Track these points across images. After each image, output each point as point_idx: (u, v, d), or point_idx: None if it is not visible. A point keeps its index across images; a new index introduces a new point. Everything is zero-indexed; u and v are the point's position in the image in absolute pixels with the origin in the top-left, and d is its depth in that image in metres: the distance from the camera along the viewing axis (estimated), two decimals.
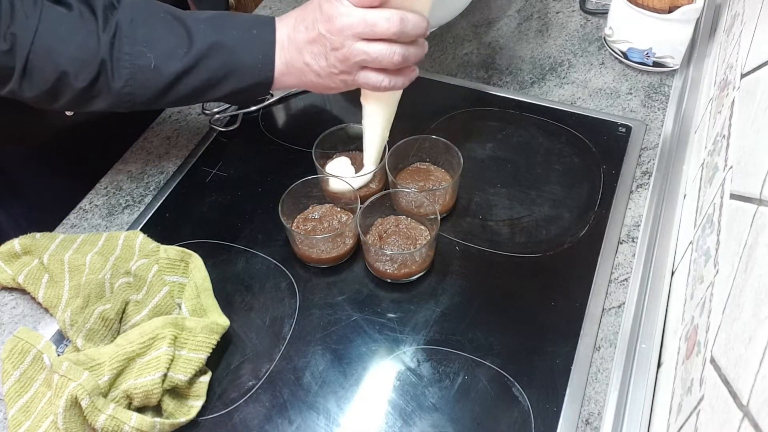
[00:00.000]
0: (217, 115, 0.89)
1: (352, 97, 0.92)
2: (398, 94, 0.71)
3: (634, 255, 0.73)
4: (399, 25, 0.61)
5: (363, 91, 0.71)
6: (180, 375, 0.60)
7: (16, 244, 0.72)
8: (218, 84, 0.66)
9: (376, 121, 0.72)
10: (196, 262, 0.70)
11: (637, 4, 0.87)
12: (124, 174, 0.84)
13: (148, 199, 0.81)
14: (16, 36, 0.60)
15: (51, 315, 0.69)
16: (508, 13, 1.06)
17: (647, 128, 0.87)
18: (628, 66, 0.95)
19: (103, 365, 0.60)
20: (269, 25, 0.66)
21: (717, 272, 0.53)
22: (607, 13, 0.96)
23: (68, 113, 0.85)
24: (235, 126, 0.88)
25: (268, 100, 0.91)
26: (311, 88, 0.67)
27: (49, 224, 0.78)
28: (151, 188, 0.82)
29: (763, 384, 0.36)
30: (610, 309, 0.69)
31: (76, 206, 0.81)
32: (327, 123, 0.78)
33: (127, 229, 0.77)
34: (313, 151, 0.77)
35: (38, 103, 0.66)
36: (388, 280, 0.71)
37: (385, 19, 0.60)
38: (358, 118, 0.76)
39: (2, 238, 0.73)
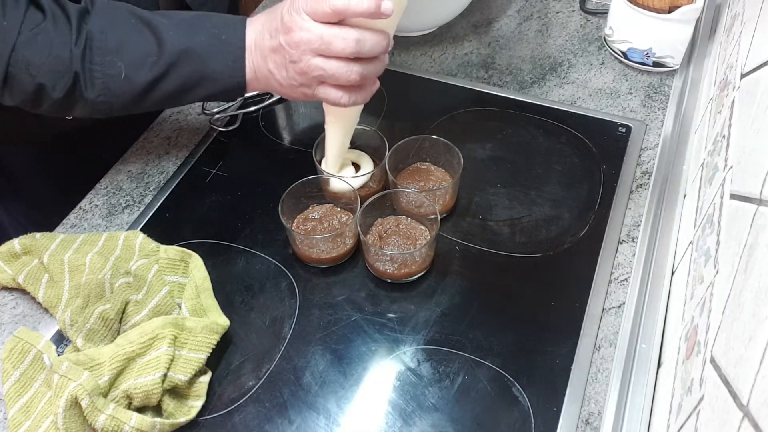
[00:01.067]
0: (217, 115, 0.89)
1: None
2: (359, 106, 0.70)
3: (634, 255, 0.73)
4: (355, 46, 0.60)
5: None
6: (180, 375, 0.60)
7: (16, 244, 0.72)
8: (191, 90, 0.66)
9: (335, 129, 0.72)
10: (196, 262, 0.70)
11: (637, 4, 0.87)
12: (124, 174, 0.84)
13: (148, 199, 0.81)
14: None
15: (51, 315, 0.69)
16: (508, 13, 1.06)
17: (647, 128, 0.87)
18: (628, 66, 0.95)
19: (103, 365, 0.60)
20: (239, 28, 0.65)
21: (717, 272, 0.53)
22: (607, 13, 0.96)
23: (68, 117, 0.86)
24: (235, 126, 0.88)
25: (267, 100, 0.91)
26: (279, 94, 0.67)
27: (49, 223, 0.78)
28: (151, 188, 0.82)
29: (763, 384, 0.36)
30: (610, 309, 0.69)
31: (76, 206, 0.81)
32: None
33: (127, 229, 0.77)
34: (313, 151, 0.77)
35: (24, 108, 0.67)
36: (388, 280, 0.71)
37: (341, 39, 0.59)
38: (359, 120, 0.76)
39: (3, 236, 0.73)
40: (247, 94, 0.90)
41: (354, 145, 0.80)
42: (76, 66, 0.63)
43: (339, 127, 0.71)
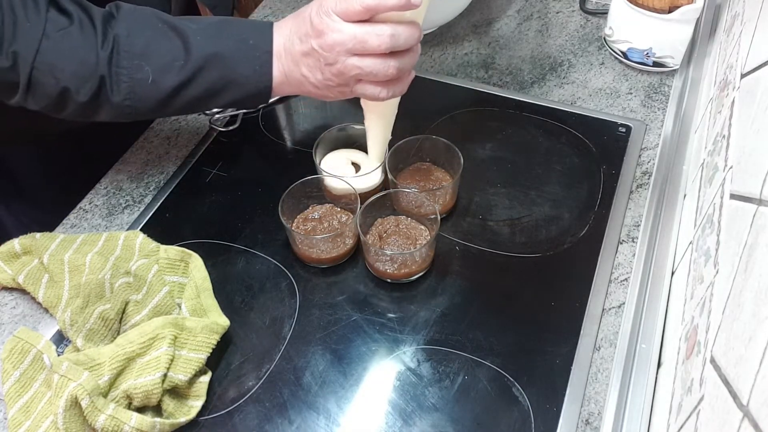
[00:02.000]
0: (217, 115, 0.89)
1: (353, 98, 0.92)
2: (397, 98, 0.71)
3: (634, 255, 0.73)
4: (390, 41, 0.60)
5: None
6: (180, 375, 0.60)
7: (16, 244, 0.72)
8: (217, 95, 0.66)
9: (377, 124, 0.72)
10: (196, 262, 0.70)
11: (637, 4, 0.87)
12: (124, 174, 0.84)
13: (148, 199, 0.81)
14: (18, 53, 0.60)
15: (51, 315, 0.69)
16: (508, 13, 1.06)
17: (647, 128, 0.87)
18: (628, 66, 0.95)
19: (103, 365, 0.60)
20: (266, 33, 0.65)
21: (717, 272, 0.53)
22: (607, 13, 0.96)
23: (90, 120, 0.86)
24: (235, 126, 0.88)
25: None
26: (312, 96, 0.67)
27: (50, 223, 0.78)
28: (151, 188, 0.82)
29: (763, 384, 0.36)
30: (610, 309, 0.69)
31: (76, 206, 0.81)
32: (327, 123, 0.78)
33: (127, 229, 0.77)
34: (313, 151, 0.77)
35: (46, 112, 0.66)
36: (388, 280, 0.71)
37: (375, 36, 0.59)
38: (358, 118, 0.76)
39: (4, 236, 0.73)
40: None
41: (354, 145, 0.80)
42: (102, 70, 0.62)
43: (380, 120, 0.72)
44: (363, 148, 0.80)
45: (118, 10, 0.65)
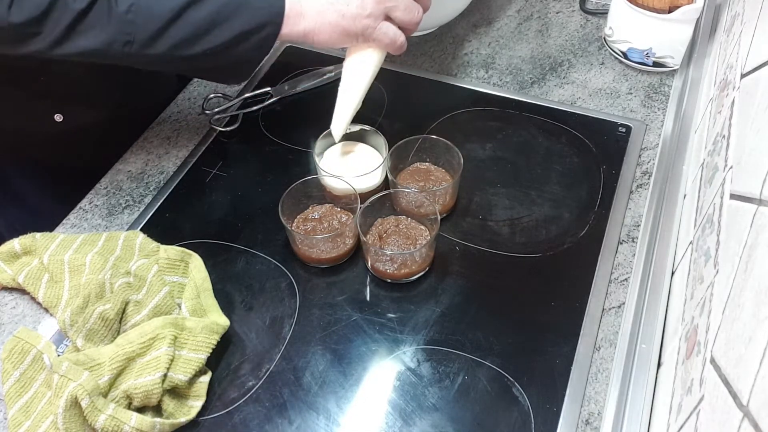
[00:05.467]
0: (217, 115, 0.89)
1: None
2: (381, 61, 0.73)
3: (634, 255, 0.73)
4: None
5: (350, 51, 0.73)
6: (180, 375, 0.60)
7: (16, 244, 0.72)
8: (225, 22, 0.62)
9: (357, 82, 0.73)
10: (196, 262, 0.70)
11: (637, 4, 0.87)
12: (124, 174, 0.84)
13: (148, 199, 0.81)
14: None
15: (51, 315, 0.69)
16: (508, 13, 1.06)
17: (647, 128, 0.87)
18: (628, 66, 0.95)
19: (103, 365, 0.60)
20: None
21: (717, 272, 0.53)
22: (607, 13, 0.96)
23: (57, 118, 0.83)
24: (235, 126, 0.88)
25: (268, 99, 0.91)
26: (323, 33, 0.65)
27: (46, 228, 0.77)
28: (151, 188, 0.82)
29: (763, 384, 0.36)
30: (610, 309, 0.69)
31: (76, 206, 0.81)
32: (327, 123, 0.78)
33: (127, 229, 0.77)
34: (313, 151, 0.77)
35: (24, 34, 0.59)
36: (388, 280, 0.71)
37: None
38: (358, 118, 0.76)
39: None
40: (248, 94, 0.91)
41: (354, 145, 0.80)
42: None
43: (361, 84, 0.73)
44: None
45: None
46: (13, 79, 0.63)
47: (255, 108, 0.91)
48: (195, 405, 0.62)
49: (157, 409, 0.61)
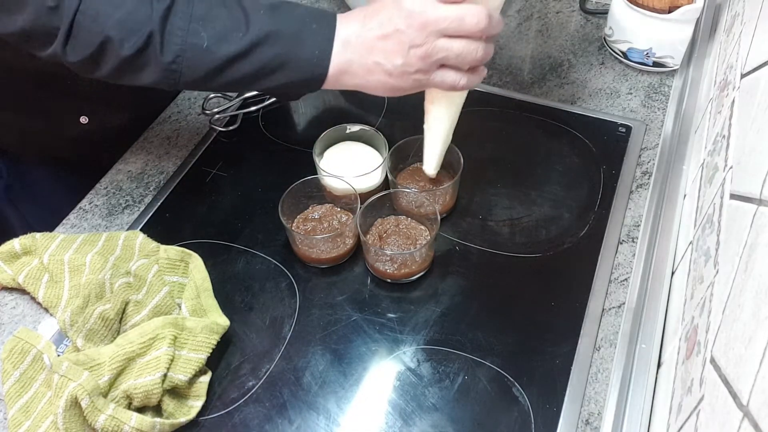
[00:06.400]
0: (217, 115, 0.89)
1: (353, 98, 0.92)
2: (465, 95, 0.70)
3: (634, 255, 0.73)
4: (487, 22, 0.59)
5: (429, 95, 0.70)
6: (180, 375, 0.60)
7: (16, 244, 0.72)
8: (269, 75, 0.63)
9: (441, 125, 0.71)
10: (196, 262, 0.70)
11: (637, 4, 0.87)
12: (124, 174, 0.84)
13: (148, 199, 0.81)
14: None
15: (51, 315, 0.69)
16: (508, 13, 1.06)
17: (647, 128, 0.87)
18: (628, 66, 0.95)
19: (103, 365, 0.60)
20: (330, 20, 0.63)
21: (717, 272, 0.53)
22: (607, 13, 0.96)
23: (83, 120, 0.85)
24: (235, 126, 0.88)
25: (267, 99, 0.91)
26: (373, 89, 0.65)
27: (59, 225, 0.78)
28: (151, 188, 0.82)
29: (763, 384, 0.36)
30: (610, 309, 0.69)
31: (76, 206, 0.81)
32: (327, 123, 0.78)
33: (127, 229, 0.77)
34: (313, 151, 0.77)
35: (81, 69, 0.63)
36: (388, 280, 0.71)
37: (473, 15, 0.59)
38: (358, 118, 0.76)
39: (11, 235, 0.73)
40: (248, 94, 0.91)
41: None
42: (153, 25, 0.59)
43: (446, 118, 0.70)
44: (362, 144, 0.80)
45: None
46: (40, 82, 0.64)
47: (255, 108, 0.90)
48: (195, 405, 0.62)
49: (157, 409, 0.61)
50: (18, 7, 0.58)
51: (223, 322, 0.65)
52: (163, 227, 0.77)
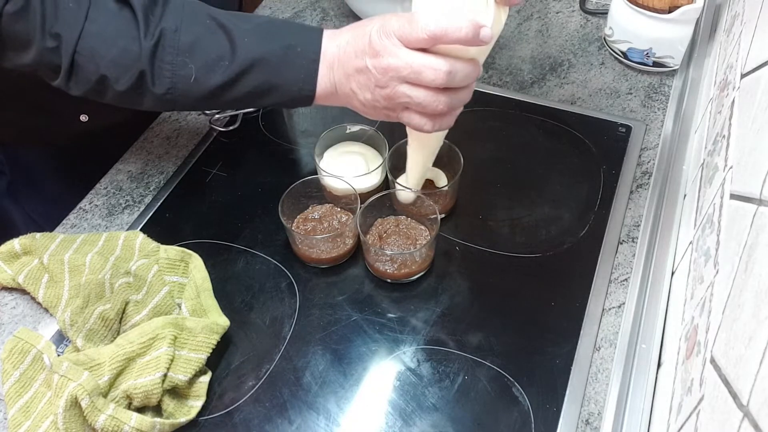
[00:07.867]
0: (217, 115, 0.89)
1: None
2: (442, 133, 0.69)
3: (634, 255, 0.73)
4: (445, 78, 0.57)
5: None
6: (180, 375, 0.60)
7: (16, 244, 0.72)
8: (259, 98, 0.65)
9: (418, 153, 0.70)
10: (196, 262, 0.70)
11: (637, 4, 0.87)
12: (124, 174, 0.84)
13: (148, 199, 0.81)
14: (61, 36, 0.60)
15: (51, 315, 0.69)
16: (508, 13, 1.06)
17: (647, 128, 0.87)
18: (628, 66, 0.95)
19: (103, 365, 0.60)
20: (315, 41, 0.63)
21: (717, 272, 0.53)
22: (607, 13, 0.96)
23: (83, 119, 0.86)
24: (235, 126, 0.88)
25: None
26: (356, 110, 0.65)
27: (61, 220, 0.79)
28: (151, 188, 0.82)
29: (763, 384, 0.36)
30: (610, 309, 0.69)
31: (76, 206, 0.81)
32: (327, 123, 0.78)
33: (127, 229, 0.77)
34: (313, 151, 0.77)
35: (90, 97, 0.65)
36: (388, 280, 0.71)
37: (432, 69, 0.56)
38: (357, 118, 0.76)
39: (14, 231, 0.74)
40: None
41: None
42: (143, 64, 0.61)
43: (421, 151, 0.70)
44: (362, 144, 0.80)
45: (167, 2, 0.63)
46: (41, 81, 0.65)
47: (255, 108, 0.90)
48: (195, 405, 0.62)
49: (157, 409, 0.61)
50: (24, 47, 0.61)
51: (223, 322, 0.65)
52: (163, 227, 0.77)
